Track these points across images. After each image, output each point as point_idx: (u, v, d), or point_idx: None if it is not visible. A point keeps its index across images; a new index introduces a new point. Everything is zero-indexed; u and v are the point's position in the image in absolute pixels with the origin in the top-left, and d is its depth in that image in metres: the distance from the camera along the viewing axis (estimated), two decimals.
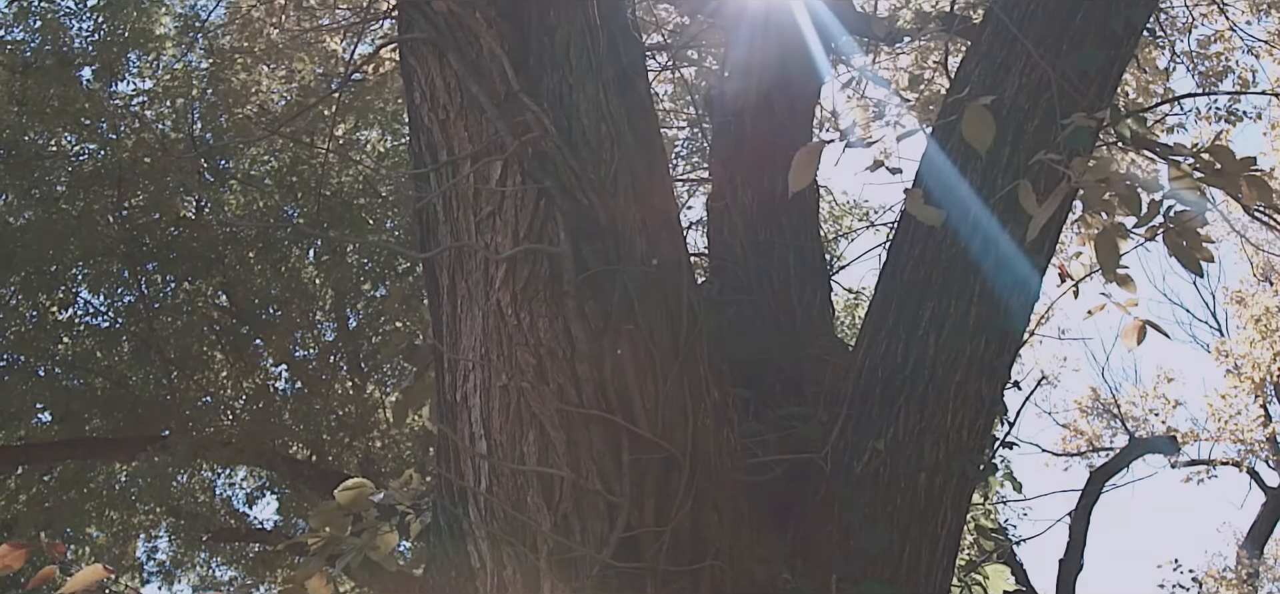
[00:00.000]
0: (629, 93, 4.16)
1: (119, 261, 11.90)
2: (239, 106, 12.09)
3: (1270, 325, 18.77)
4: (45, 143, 12.25)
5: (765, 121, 5.67)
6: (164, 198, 11.78)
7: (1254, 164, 4.02)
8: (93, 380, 12.45)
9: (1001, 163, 4.08)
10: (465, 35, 4.02)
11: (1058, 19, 4.17)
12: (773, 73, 5.89)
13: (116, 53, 12.13)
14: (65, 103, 11.90)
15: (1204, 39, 13.49)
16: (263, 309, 12.55)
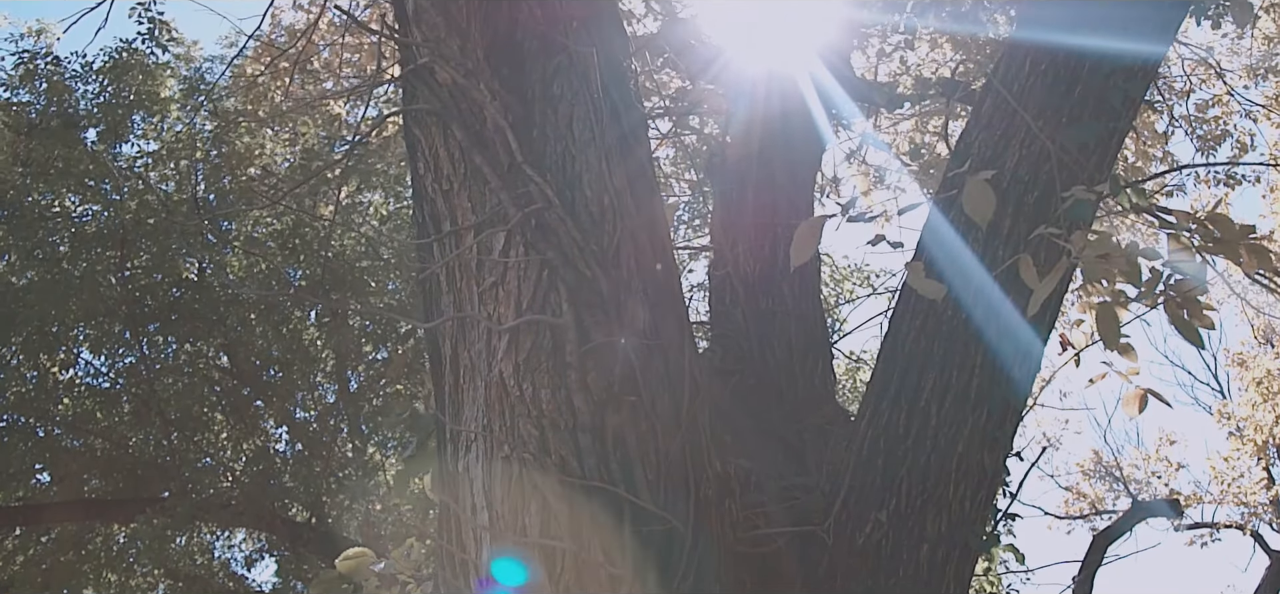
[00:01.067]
0: (631, 163, 4.18)
1: (121, 322, 11.92)
2: (242, 169, 12.16)
3: (1272, 388, 18.73)
4: (49, 203, 12.31)
5: (767, 189, 5.70)
6: (166, 259, 11.82)
7: (1253, 231, 4.03)
8: (92, 441, 12.43)
9: (1002, 233, 4.09)
10: (469, 106, 4.05)
11: (1056, 92, 4.20)
12: (774, 139, 5.93)
13: (121, 115, 12.22)
14: (69, 164, 11.97)
15: (1202, 103, 13.57)
16: (264, 371, 12.56)
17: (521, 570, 3.44)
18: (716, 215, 6.01)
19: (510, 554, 3.44)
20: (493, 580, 3.45)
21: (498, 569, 3.48)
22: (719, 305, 5.50)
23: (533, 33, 4.20)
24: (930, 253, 4.31)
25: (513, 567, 3.47)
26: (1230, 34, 12.65)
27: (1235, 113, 13.47)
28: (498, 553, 3.46)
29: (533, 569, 3.42)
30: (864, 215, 3.54)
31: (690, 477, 3.69)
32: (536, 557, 3.49)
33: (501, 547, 3.48)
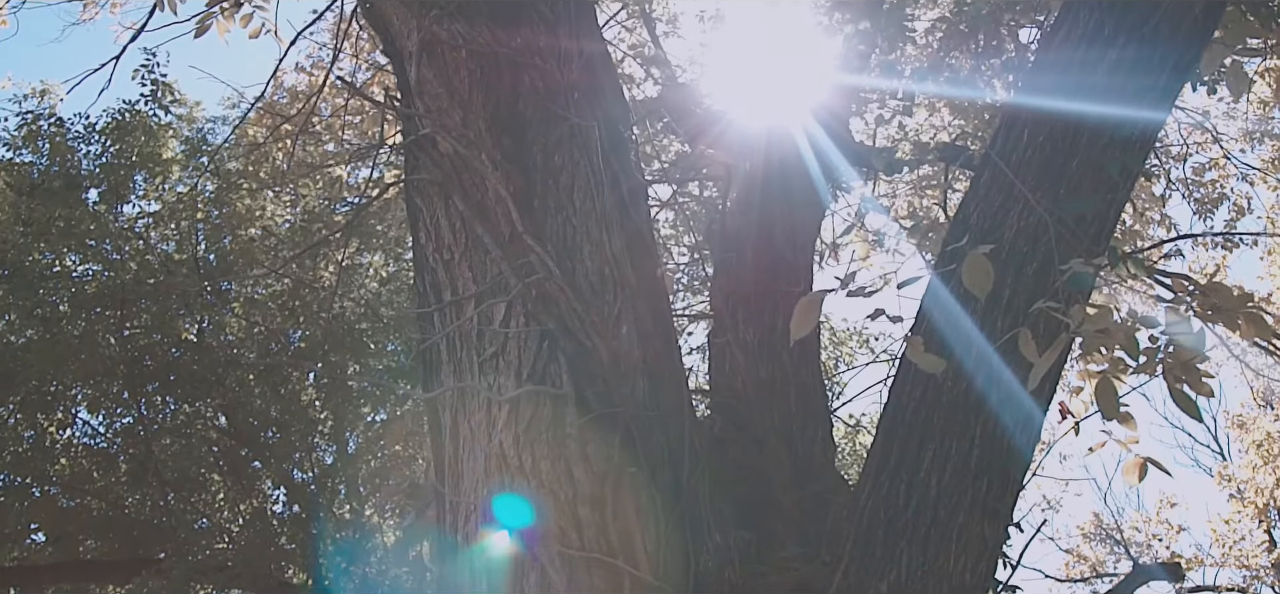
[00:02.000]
0: (631, 233, 4.20)
1: (119, 383, 11.89)
2: (243, 230, 12.19)
3: (1272, 451, 18.69)
4: (49, 263, 12.32)
5: (766, 255, 5.71)
6: (166, 319, 11.81)
7: (1251, 300, 4.05)
8: (88, 502, 12.36)
9: (1001, 305, 4.10)
10: (471, 177, 4.08)
11: (1054, 165, 4.22)
12: (774, 205, 5.95)
13: (123, 175, 12.27)
14: (71, 224, 12.00)
15: (1199, 167, 13.64)
16: (262, 432, 12.49)
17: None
18: (716, 283, 6.02)
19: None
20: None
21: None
22: (719, 373, 5.49)
23: (534, 104, 4.23)
24: (930, 324, 4.32)
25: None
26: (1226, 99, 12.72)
27: (1232, 176, 13.54)
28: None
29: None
30: (863, 289, 3.55)
31: (690, 548, 3.68)
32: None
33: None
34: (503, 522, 3.57)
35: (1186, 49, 4.41)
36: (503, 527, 3.58)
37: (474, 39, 4.18)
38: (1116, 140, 4.29)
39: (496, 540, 3.63)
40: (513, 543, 3.58)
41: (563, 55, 4.41)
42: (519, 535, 3.59)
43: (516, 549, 3.57)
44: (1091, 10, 4.43)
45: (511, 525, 3.55)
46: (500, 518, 3.57)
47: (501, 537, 3.61)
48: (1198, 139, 13.43)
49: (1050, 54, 4.55)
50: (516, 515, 3.55)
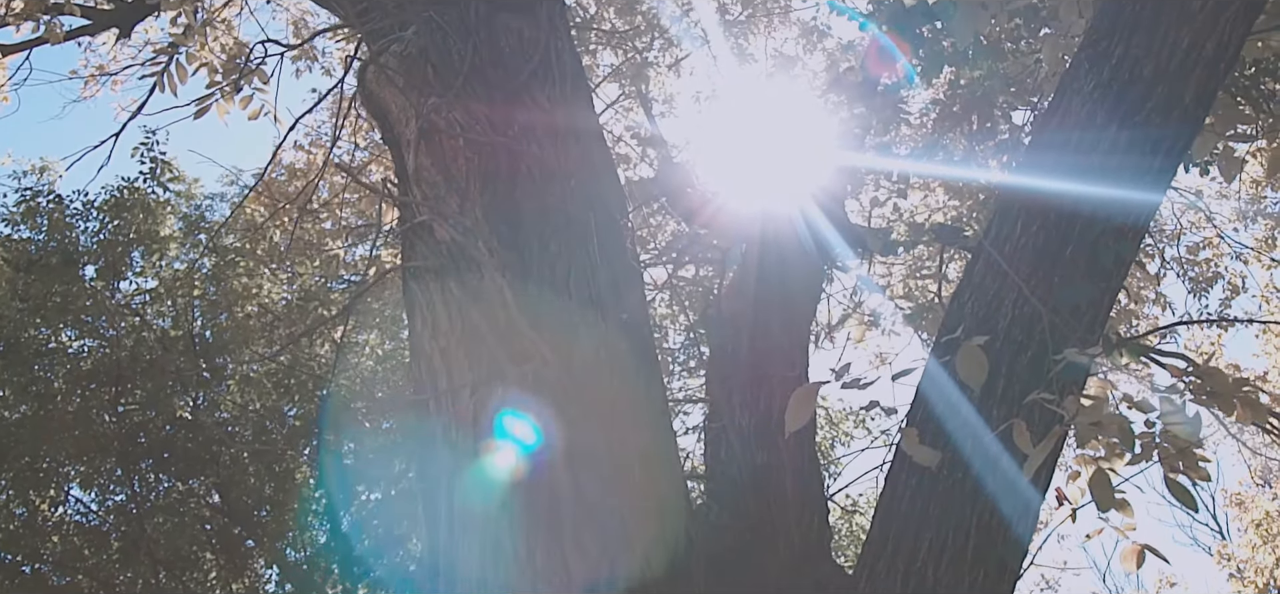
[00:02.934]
0: (628, 321, 4.21)
1: (113, 459, 11.86)
2: (240, 307, 12.21)
3: (1271, 530, 18.61)
4: (45, 339, 12.33)
5: (762, 339, 5.71)
6: (161, 397, 11.80)
7: (1246, 384, 4.06)
8: (80, 580, 12.27)
9: (996, 395, 4.10)
10: (468, 263, 4.09)
11: (1047, 254, 4.24)
12: (769, 288, 5.96)
13: (120, 252, 12.32)
14: (67, 300, 12.02)
15: (1193, 246, 13.70)
16: (255, 509, 12.44)
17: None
18: (711, 368, 6.02)
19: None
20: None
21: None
22: (714, 460, 5.47)
23: (531, 192, 4.26)
24: (926, 411, 4.31)
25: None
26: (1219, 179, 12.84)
27: (1226, 255, 13.60)
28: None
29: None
30: (858, 381, 3.56)
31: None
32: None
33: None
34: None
35: (1178, 136, 4.44)
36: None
37: (472, 127, 4.22)
38: (1110, 228, 4.31)
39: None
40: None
41: (560, 143, 4.44)
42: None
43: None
44: (1084, 98, 4.47)
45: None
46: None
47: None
48: (1191, 218, 13.52)
49: (1043, 141, 4.58)
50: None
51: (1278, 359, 15.26)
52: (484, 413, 3.82)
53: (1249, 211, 13.84)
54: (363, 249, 11.51)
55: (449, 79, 4.31)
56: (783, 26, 11.17)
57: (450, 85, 4.29)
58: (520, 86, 4.44)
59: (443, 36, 4.43)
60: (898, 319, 10.60)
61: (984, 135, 9.06)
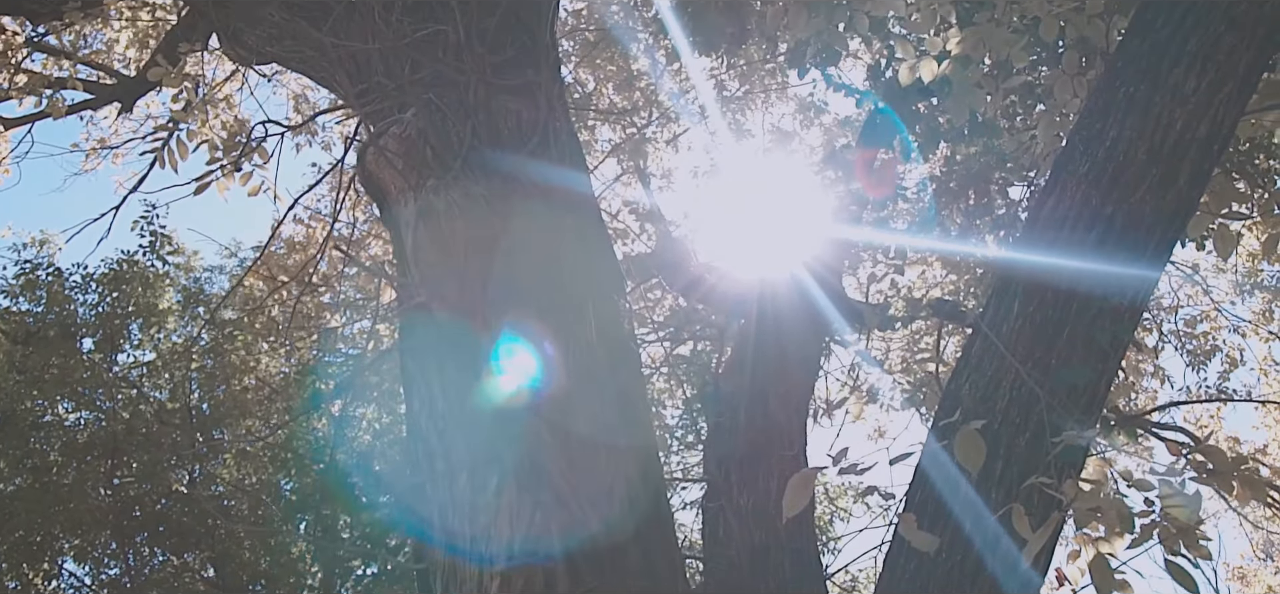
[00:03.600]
0: (625, 400, 4.20)
1: (108, 533, 11.79)
2: (237, 379, 12.20)
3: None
4: (42, 411, 12.31)
5: (760, 419, 5.71)
6: (157, 470, 11.75)
7: (1245, 462, 4.05)
8: None
9: (995, 477, 4.09)
10: (465, 344, 4.09)
11: (1044, 336, 4.24)
12: (767, 367, 5.97)
13: (118, 324, 12.33)
14: (65, 372, 12.02)
15: (1190, 319, 13.73)
16: (251, 584, 12.35)
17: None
18: (709, 447, 6.01)
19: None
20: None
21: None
22: (712, 540, 5.45)
23: (529, 272, 4.27)
24: (925, 491, 4.30)
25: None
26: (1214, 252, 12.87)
27: (1224, 328, 13.63)
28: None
29: None
30: (856, 466, 3.55)
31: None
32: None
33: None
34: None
35: (1174, 217, 4.46)
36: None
37: (470, 208, 4.24)
38: (1106, 310, 4.32)
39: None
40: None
41: (558, 223, 4.45)
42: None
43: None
44: (1079, 180, 4.49)
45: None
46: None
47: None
48: (1189, 292, 13.55)
49: (1039, 221, 4.60)
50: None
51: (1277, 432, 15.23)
52: (481, 496, 3.80)
53: (1246, 284, 13.87)
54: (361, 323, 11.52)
55: (448, 160, 4.33)
56: (780, 102, 11.26)
57: (449, 166, 4.31)
58: (518, 167, 4.47)
59: (441, 118, 4.47)
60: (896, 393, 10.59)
61: (980, 210, 9.11)
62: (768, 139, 10.83)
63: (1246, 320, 13.77)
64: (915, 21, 6.33)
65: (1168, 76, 4.43)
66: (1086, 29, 5.96)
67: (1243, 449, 12.82)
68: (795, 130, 11.01)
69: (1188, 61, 4.43)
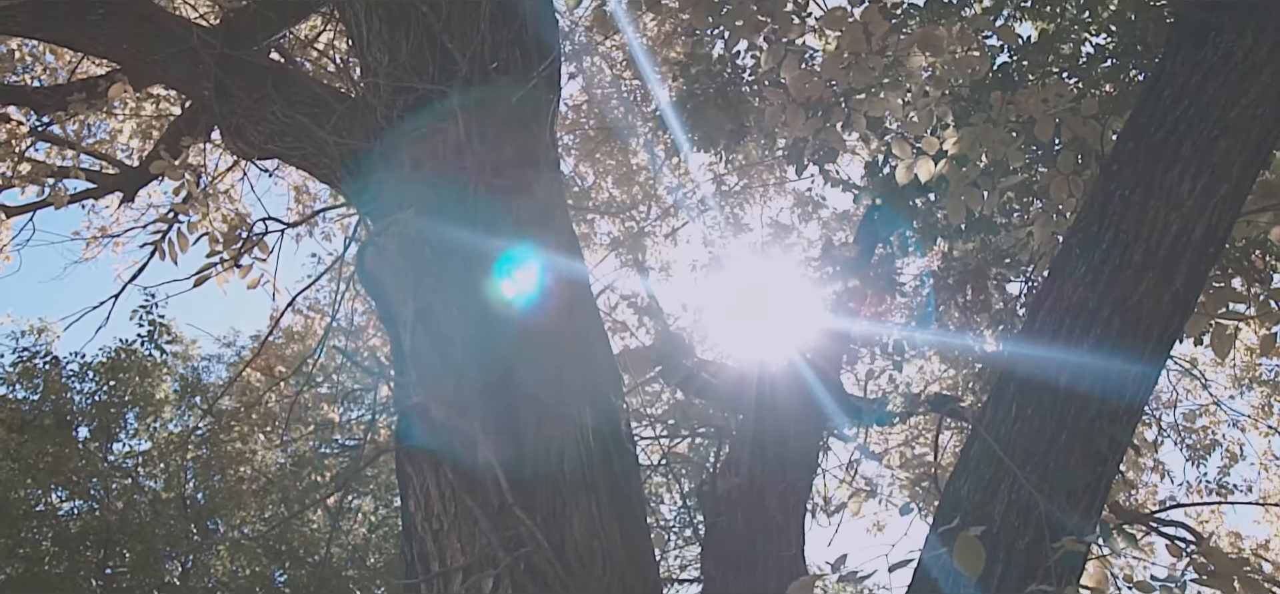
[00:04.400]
0: (622, 506, 4.17)
1: None
2: (233, 469, 12.15)
3: None
4: (36, 499, 12.25)
5: (757, 518, 5.69)
6: (150, 561, 11.66)
7: (1248, 564, 4.03)
8: None
9: (994, 582, 4.06)
10: (462, 444, 4.07)
11: (1042, 439, 4.24)
12: (765, 464, 5.94)
13: (114, 413, 12.31)
14: (59, 461, 11.98)
15: (1190, 413, 13.70)
16: None
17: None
18: (707, 547, 5.97)
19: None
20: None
21: None
22: None
23: (527, 374, 4.26)
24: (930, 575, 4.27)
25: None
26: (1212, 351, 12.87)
27: (1223, 422, 13.59)
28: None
29: None
30: (855, 574, 3.53)
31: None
32: None
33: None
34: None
35: (1170, 320, 4.48)
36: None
37: (469, 310, 4.25)
38: (1104, 412, 4.32)
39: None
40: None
41: (556, 321, 4.46)
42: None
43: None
44: (1076, 283, 4.52)
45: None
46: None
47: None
48: (1187, 386, 13.53)
49: (1037, 324, 4.61)
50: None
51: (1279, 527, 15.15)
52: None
53: (1244, 379, 13.86)
54: (358, 413, 11.50)
55: (447, 260, 4.35)
56: (778, 196, 11.33)
57: (448, 267, 4.32)
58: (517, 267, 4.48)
59: (441, 216, 4.49)
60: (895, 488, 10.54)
61: (978, 306, 9.13)
62: (766, 233, 10.89)
63: (1246, 415, 13.73)
64: (912, 121, 6.40)
65: (1162, 180, 4.47)
66: (1082, 130, 6.02)
67: (1244, 545, 12.74)
68: (793, 224, 11.07)
69: (1182, 165, 4.47)
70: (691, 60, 7.82)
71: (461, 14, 5.07)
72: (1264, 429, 13.90)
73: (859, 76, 5.73)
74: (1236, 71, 4.50)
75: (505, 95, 4.82)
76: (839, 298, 8.16)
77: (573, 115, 10.99)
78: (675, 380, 8.89)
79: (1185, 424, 13.63)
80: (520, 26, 5.13)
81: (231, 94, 5.85)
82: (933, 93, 6.44)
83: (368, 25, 5.24)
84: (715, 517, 5.90)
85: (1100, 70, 7.40)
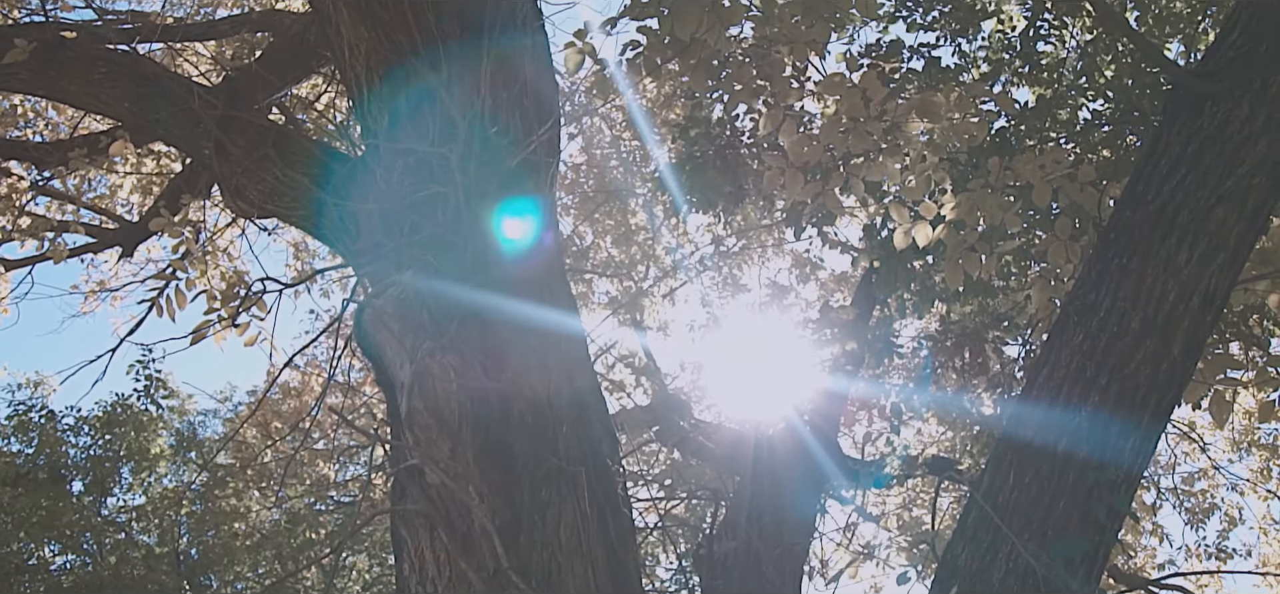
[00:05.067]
0: (618, 571, 4.15)
1: None
2: (227, 525, 12.08)
3: None
4: (28, 554, 12.16)
5: (754, 583, 5.65)
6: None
7: None
8: None
9: None
10: (457, 509, 4.05)
11: (1040, 506, 4.22)
12: (762, 528, 5.92)
13: (109, 468, 12.26)
14: (53, 515, 11.90)
15: (1188, 477, 13.67)
16: None
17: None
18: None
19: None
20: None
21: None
22: None
23: (524, 438, 4.25)
24: None
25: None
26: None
27: (1222, 486, 13.56)
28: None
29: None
30: None
31: None
32: None
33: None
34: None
35: (1168, 388, 4.47)
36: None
37: (465, 372, 4.24)
38: (1103, 481, 4.31)
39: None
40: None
41: (553, 386, 4.46)
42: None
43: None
44: (1073, 351, 4.51)
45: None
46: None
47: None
48: (1186, 449, 13.51)
49: (1034, 391, 4.60)
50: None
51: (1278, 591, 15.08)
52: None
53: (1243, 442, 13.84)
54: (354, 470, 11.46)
55: (444, 323, 4.35)
56: (776, 257, 11.36)
57: (445, 330, 4.32)
58: (514, 332, 4.48)
59: (439, 279, 4.49)
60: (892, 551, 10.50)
61: (976, 368, 9.12)
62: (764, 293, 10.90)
63: (1245, 479, 13.70)
64: (910, 186, 6.41)
65: (1160, 248, 4.48)
66: (1078, 196, 6.03)
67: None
68: (792, 285, 11.09)
69: (1179, 233, 4.48)
70: (691, 122, 7.86)
71: (462, 76, 5.10)
72: (1263, 493, 13.87)
73: (857, 141, 5.75)
74: (1232, 141, 4.51)
75: (505, 158, 4.84)
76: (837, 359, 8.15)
77: (572, 174, 11.04)
78: (672, 441, 8.87)
79: (1184, 488, 13.61)
80: (520, 89, 5.16)
81: (231, 154, 5.86)
82: (930, 158, 6.46)
83: (368, 86, 5.26)
84: (712, 581, 5.87)
85: (1097, 135, 7.44)
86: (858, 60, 6.38)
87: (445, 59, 5.05)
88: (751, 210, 9.80)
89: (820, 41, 5.56)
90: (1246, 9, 4.71)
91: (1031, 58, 7.88)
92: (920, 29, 7.79)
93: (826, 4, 5.53)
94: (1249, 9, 4.69)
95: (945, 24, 7.77)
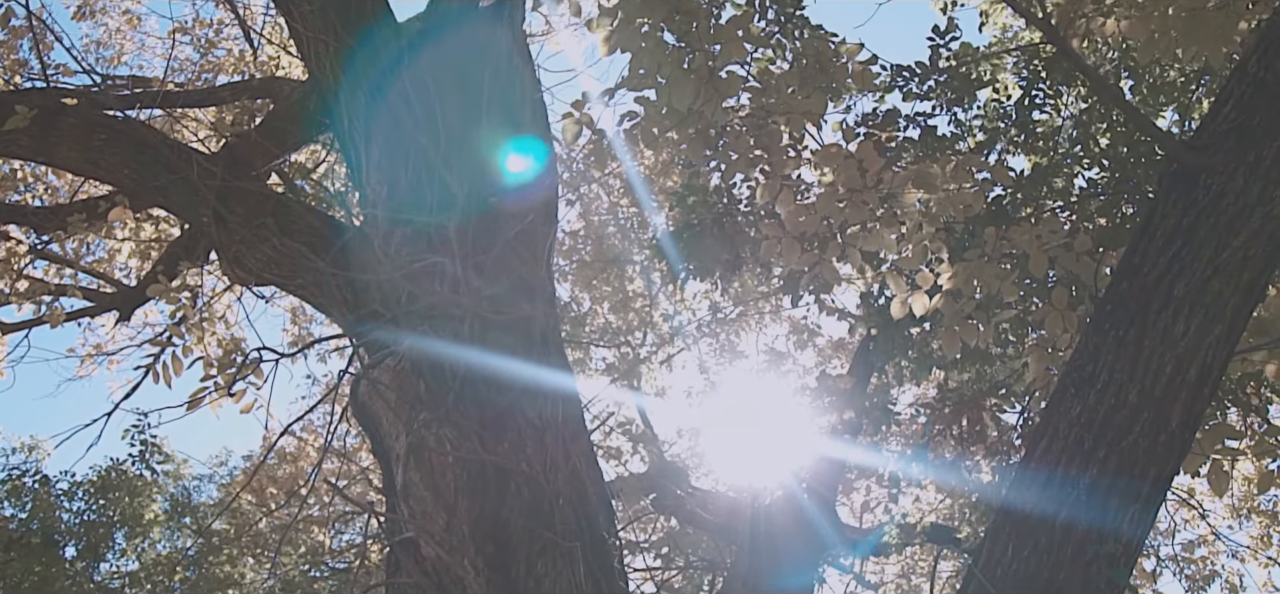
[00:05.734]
0: None
1: None
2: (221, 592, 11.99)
3: None
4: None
5: None
6: None
7: None
8: None
9: None
10: (452, 583, 4.03)
11: (1040, 580, 4.19)
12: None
13: (102, 533, 12.18)
14: (45, 580, 11.82)
15: (1188, 543, 13.61)
16: None
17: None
18: None
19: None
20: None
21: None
22: None
23: (519, 510, 4.23)
24: None
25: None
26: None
27: (1222, 553, 13.49)
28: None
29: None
30: None
31: None
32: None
33: None
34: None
35: (1166, 459, 4.45)
36: None
37: (461, 444, 4.22)
38: (1102, 554, 4.28)
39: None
40: None
41: (548, 459, 4.43)
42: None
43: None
44: (1071, 423, 4.50)
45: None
46: None
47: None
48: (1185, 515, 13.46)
49: (1032, 464, 4.58)
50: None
51: None
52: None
53: (1243, 509, 13.80)
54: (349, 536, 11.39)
55: (440, 395, 4.33)
56: (774, 324, 11.36)
57: (442, 402, 4.31)
58: (511, 403, 4.46)
59: (435, 350, 4.49)
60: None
61: (974, 436, 9.09)
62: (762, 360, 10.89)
63: (1245, 545, 13.65)
64: (907, 256, 6.42)
65: (1156, 320, 4.47)
66: (1075, 266, 6.04)
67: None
68: (789, 352, 11.09)
69: (1176, 306, 4.47)
70: (688, 190, 7.89)
71: (460, 146, 5.12)
72: (1263, 560, 13.81)
73: (854, 211, 5.77)
74: (1227, 213, 4.52)
75: (503, 229, 4.85)
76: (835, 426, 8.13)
77: (569, 240, 11.07)
78: (669, 509, 8.83)
79: (1184, 555, 13.55)
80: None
81: (229, 222, 5.87)
82: (927, 227, 6.47)
83: (367, 155, 5.28)
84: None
85: (1093, 204, 7.46)
86: (854, 130, 6.42)
87: (444, 128, 5.08)
88: (749, 278, 9.81)
89: (817, 112, 5.59)
90: (1239, 82, 4.74)
91: (1027, 126, 7.93)
92: (916, 98, 7.84)
93: (823, 74, 5.57)
94: (1242, 82, 4.72)
95: (941, 93, 7.81)
